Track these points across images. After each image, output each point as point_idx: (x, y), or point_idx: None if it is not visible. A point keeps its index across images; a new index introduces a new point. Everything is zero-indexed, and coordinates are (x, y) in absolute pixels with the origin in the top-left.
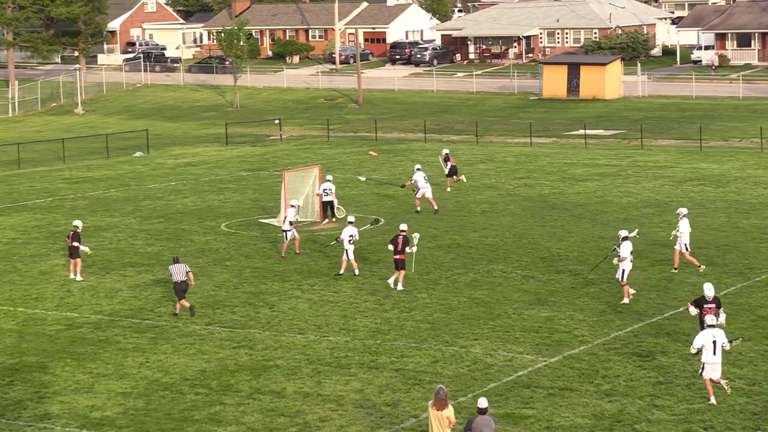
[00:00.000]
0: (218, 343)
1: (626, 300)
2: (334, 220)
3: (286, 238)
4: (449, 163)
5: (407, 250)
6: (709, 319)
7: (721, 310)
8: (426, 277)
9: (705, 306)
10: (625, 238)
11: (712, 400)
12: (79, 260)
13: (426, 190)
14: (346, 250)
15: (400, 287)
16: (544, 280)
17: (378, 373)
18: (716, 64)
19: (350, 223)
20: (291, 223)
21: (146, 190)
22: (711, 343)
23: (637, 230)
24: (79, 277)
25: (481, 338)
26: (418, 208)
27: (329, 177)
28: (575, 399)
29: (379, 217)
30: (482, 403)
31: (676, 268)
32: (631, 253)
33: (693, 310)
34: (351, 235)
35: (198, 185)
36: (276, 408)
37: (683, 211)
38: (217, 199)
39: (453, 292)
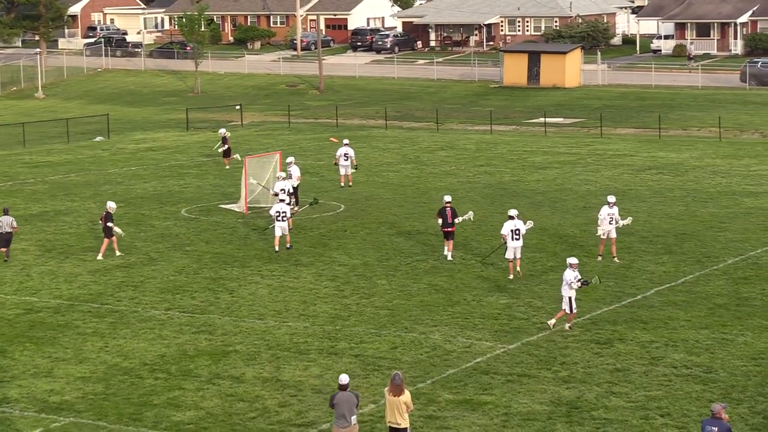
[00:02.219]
0: (178, 328)
1: (511, 276)
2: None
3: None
4: (226, 145)
5: (456, 221)
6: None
7: None
8: (385, 263)
9: None
10: (511, 217)
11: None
12: (107, 240)
13: (346, 167)
14: (277, 227)
15: (449, 257)
16: (503, 267)
17: (337, 359)
18: (694, 53)
19: (281, 200)
20: (290, 194)
21: (107, 175)
22: (510, 231)
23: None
24: (117, 253)
25: (440, 325)
26: (342, 184)
27: (290, 159)
28: (533, 385)
29: (318, 197)
30: (343, 379)
31: (601, 255)
32: (513, 231)
33: None
34: (278, 212)
35: (158, 170)
36: (235, 393)
37: (614, 198)
38: (177, 184)
39: (412, 279)
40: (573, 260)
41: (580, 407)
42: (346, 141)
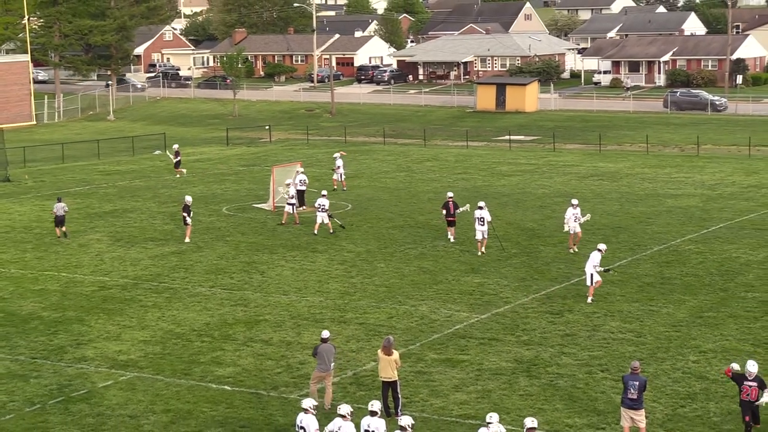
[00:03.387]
0: (219, 302)
1: (479, 253)
2: (305, 207)
3: (293, 210)
4: (178, 157)
5: (457, 211)
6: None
7: (765, 391)
8: (384, 250)
9: (745, 383)
10: (480, 208)
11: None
12: (188, 227)
13: (340, 173)
14: (318, 216)
15: (452, 239)
16: (476, 253)
17: (346, 326)
18: (629, 85)
19: (323, 195)
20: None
21: (163, 181)
22: (476, 219)
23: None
24: (187, 239)
25: (427, 299)
26: (335, 187)
27: (301, 169)
28: (500, 347)
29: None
30: (325, 334)
31: (571, 248)
32: (478, 219)
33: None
34: (320, 205)
35: (204, 177)
36: (265, 353)
37: (576, 201)
38: (219, 188)
39: (405, 263)
40: (603, 246)
41: (537, 364)
42: (336, 155)
